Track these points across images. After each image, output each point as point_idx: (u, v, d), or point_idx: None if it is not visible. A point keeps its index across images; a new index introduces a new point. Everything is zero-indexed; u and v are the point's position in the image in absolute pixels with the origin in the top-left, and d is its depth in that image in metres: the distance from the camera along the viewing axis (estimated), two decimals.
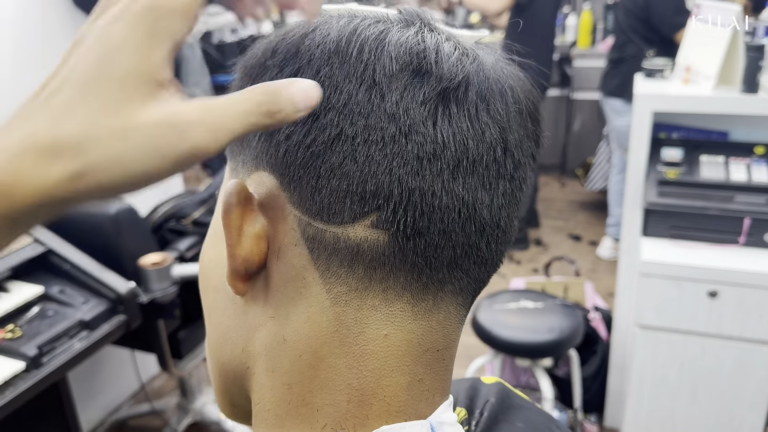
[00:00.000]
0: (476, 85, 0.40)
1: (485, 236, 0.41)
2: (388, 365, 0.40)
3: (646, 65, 2.20)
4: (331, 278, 0.40)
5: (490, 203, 0.40)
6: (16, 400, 1.43)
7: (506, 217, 0.42)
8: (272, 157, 0.41)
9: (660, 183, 2.02)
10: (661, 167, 2.07)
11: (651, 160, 2.09)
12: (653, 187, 2.01)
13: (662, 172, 2.05)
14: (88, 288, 1.73)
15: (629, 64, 3.07)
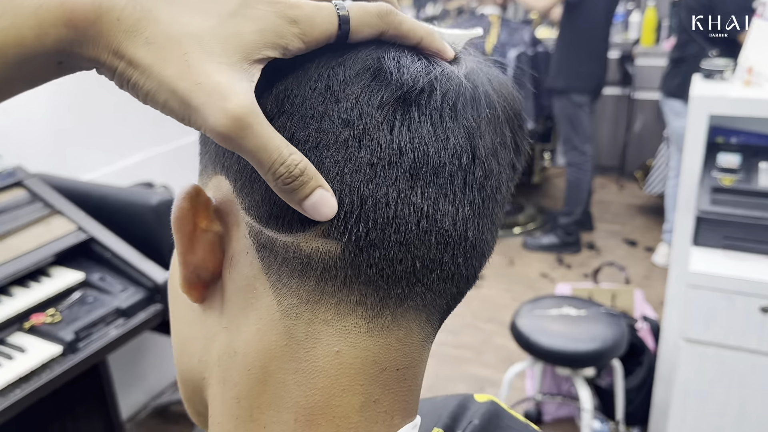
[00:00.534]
0: (442, 89, 0.37)
1: (450, 249, 0.38)
2: (339, 384, 0.38)
3: (705, 66, 2.10)
4: (282, 289, 0.38)
5: (455, 214, 0.37)
6: (53, 382, 1.47)
7: (475, 230, 0.39)
8: (228, 160, 0.40)
9: (714, 190, 1.92)
10: (716, 173, 1.97)
11: (706, 166, 1.99)
12: (707, 194, 1.92)
13: (717, 178, 1.95)
14: (127, 276, 1.77)
15: (690, 63, 2.94)
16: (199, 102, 0.32)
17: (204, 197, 0.40)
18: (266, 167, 0.34)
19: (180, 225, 0.40)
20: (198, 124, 0.33)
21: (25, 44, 0.31)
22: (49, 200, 1.80)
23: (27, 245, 1.67)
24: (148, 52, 0.32)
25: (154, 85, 0.32)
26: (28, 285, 1.64)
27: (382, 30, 0.38)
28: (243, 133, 0.32)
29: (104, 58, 0.32)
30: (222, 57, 0.33)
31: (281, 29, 0.35)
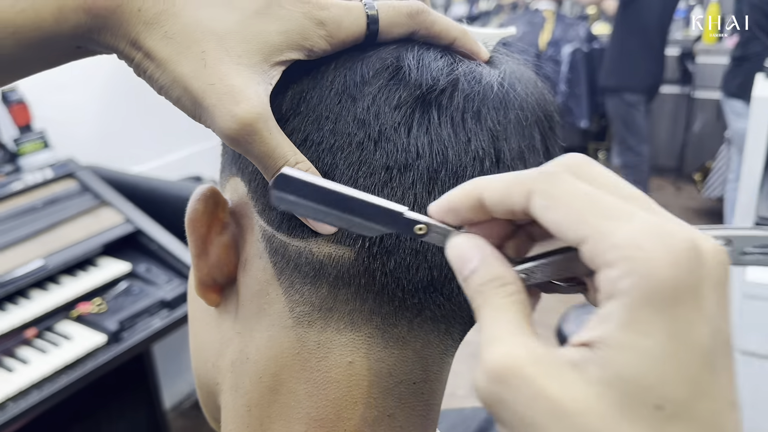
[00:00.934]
0: (465, 90, 0.35)
1: None
2: (352, 396, 0.36)
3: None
4: (295, 296, 0.37)
5: None
6: (97, 371, 1.50)
7: None
8: (243, 162, 0.39)
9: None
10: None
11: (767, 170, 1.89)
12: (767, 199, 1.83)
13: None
14: (172, 268, 1.79)
15: (753, 62, 2.81)
16: (209, 103, 0.32)
17: (220, 199, 0.40)
18: (270, 174, 0.33)
19: (193, 227, 0.39)
20: (207, 123, 0.33)
21: (43, 27, 0.31)
22: (98, 192, 1.83)
23: (76, 235, 1.71)
24: (166, 46, 0.31)
25: (169, 80, 0.32)
26: (75, 274, 1.68)
27: (413, 30, 0.37)
28: (250, 138, 0.32)
29: (122, 47, 0.32)
30: (242, 57, 0.32)
31: (307, 31, 0.34)
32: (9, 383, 1.38)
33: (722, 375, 0.23)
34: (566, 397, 0.22)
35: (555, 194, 0.25)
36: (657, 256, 0.22)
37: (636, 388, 0.22)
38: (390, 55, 0.36)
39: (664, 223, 0.23)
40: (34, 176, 1.79)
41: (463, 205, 0.28)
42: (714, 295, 0.23)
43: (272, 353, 0.37)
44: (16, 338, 1.50)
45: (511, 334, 0.25)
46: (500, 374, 0.24)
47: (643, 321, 0.22)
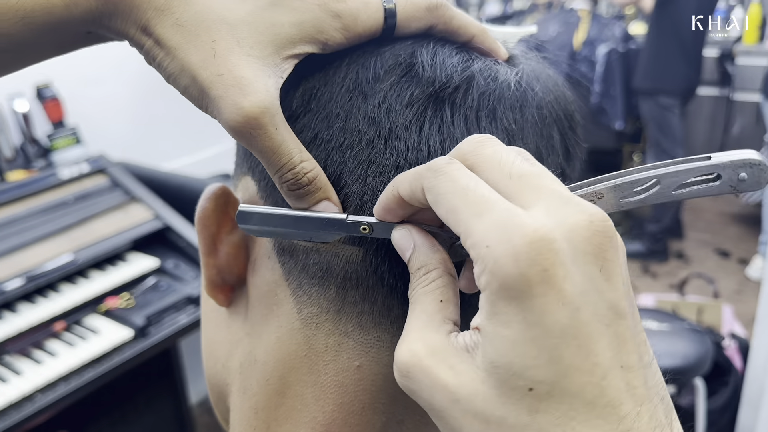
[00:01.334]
0: (481, 87, 0.34)
1: None
2: (359, 401, 0.35)
3: None
4: (303, 297, 0.36)
5: None
6: (123, 365, 1.51)
7: None
8: (253, 160, 0.38)
9: None
10: None
11: None
12: None
13: None
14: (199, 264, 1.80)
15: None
16: (216, 94, 0.31)
17: (231, 198, 0.39)
18: (274, 170, 0.32)
19: (203, 226, 0.39)
20: (213, 114, 0.32)
21: (53, 12, 0.30)
22: (129, 188, 1.85)
23: (106, 230, 1.73)
24: (176, 33, 0.31)
25: (177, 68, 0.31)
26: (104, 269, 1.70)
27: (431, 24, 0.35)
28: (255, 132, 0.31)
29: (132, 34, 0.32)
30: (253, 49, 0.31)
31: (322, 23, 0.33)
32: (38, 375, 1.40)
33: (598, 345, 0.24)
34: (458, 382, 0.25)
35: (438, 191, 0.27)
36: (500, 253, 0.24)
37: (506, 373, 0.24)
38: (404, 51, 0.35)
39: (516, 214, 0.25)
40: (67, 171, 1.81)
41: (392, 203, 0.31)
42: (582, 269, 0.24)
43: (280, 355, 0.37)
44: (45, 331, 1.53)
45: (417, 328, 0.28)
46: (404, 369, 0.27)
47: (500, 313, 0.24)
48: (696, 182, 0.29)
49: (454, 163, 0.28)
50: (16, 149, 1.87)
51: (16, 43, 0.30)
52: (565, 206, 0.25)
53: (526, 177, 0.27)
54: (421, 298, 0.29)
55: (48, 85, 1.93)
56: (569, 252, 0.24)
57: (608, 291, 0.25)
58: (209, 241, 0.39)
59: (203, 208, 0.39)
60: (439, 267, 0.30)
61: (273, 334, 0.37)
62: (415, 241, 0.31)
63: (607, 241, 0.25)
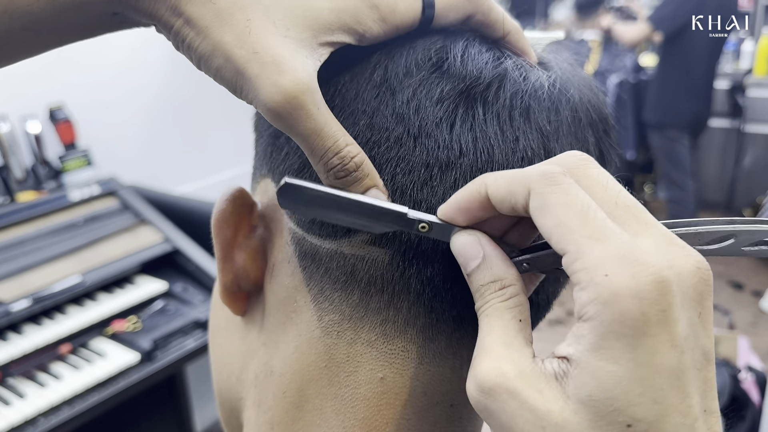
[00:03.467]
0: (513, 85, 0.32)
1: None
2: (382, 416, 0.33)
3: None
4: (324, 303, 0.34)
5: None
6: (128, 390, 1.49)
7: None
8: (273, 161, 0.36)
9: None
10: None
11: None
12: None
13: None
14: (208, 289, 1.79)
15: None
16: (252, 72, 0.29)
17: (249, 200, 0.38)
18: (318, 155, 0.30)
19: (220, 228, 0.37)
20: (249, 97, 0.30)
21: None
22: (139, 210, 1.85)
23: (115, 252, 1.72)
24: (208, 12, 0.29)
25: (209, 48, 0.29)
26: (112, 291, 1.69)
27: (470, 13, 0.34)
28: (296, 113, 0.29)
29: (161, 14, 0.30)
30: (290, 30, 0.30)
31: (360, 13, 0.31)
32: (41, 398, 1.38)
33: (693, 389, 0.24)
34: (547, 410, 0.24)
35: (549, 200, 0.26)
36: (621, 286, 0.23)
37: (606, 408, 0.23)
38: (434, 44, 0.33)
39: (638, 247, 0.24)
40: (78, 193, 1.81)
41: (472, 204, 0.29)
42: (687, 315, 0.24)
43: (298, 366, 0.35)
44: (51, 353, 1.50)
45: (501, 346, 0.27)
46: (488, 387, 0.26)
47: (609, 348, 0.24)
48: (763, 242, 0.30)
49: (568, 176, 0.27)
50: (27, 170, 1.87)
51: (38, 21, 0.29)
52: (673, 246, 0.25)
53: (632, 207, 0.26)
54: (499, 313, 0.28)
55: (61, 106, 1.93)
56: (679, 295, 0.24)
57: (703, 337, 0.25)
58: (226, 244, 0.37)
59: (220, 209, 0.37)
60: (516, 284, 0.29)
61: (291, 344, 0.35)
62: (485, 251, 0.29)
63: (708, 290, 0.25)
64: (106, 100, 2.08)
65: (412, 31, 0.34)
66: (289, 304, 0.35)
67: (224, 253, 0.37)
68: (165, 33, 0.31)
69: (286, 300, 0.36)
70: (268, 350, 0.37)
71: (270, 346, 0.37)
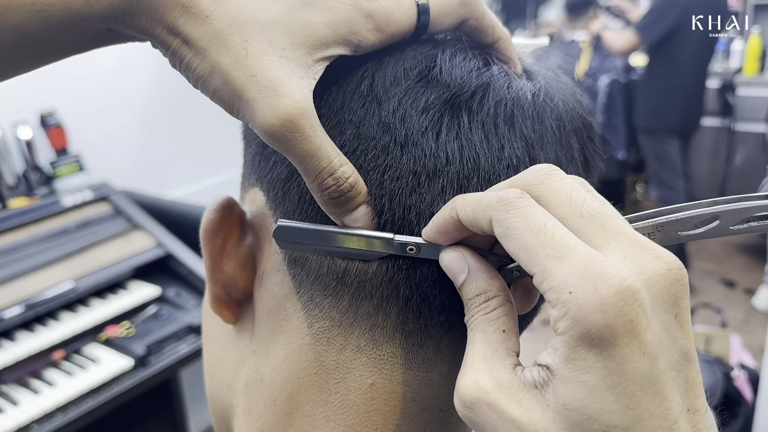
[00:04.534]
0: (497, 93, 0.33)
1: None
2: (372, 421, 0.33)
3: None
4: (314, 310, 0.34)
5: None
6: (123, 396, 1.48)
7: None
8: (262, 170, 0.37)
9: None
10: None
11: None
12: None
13: None
14: (201, 293, 1.78)
15: None
16: (250, 96, 0.29)
17: (238, 210, 0.38)
18: (313, 176, 0.30)
19: (208, 238, 0.37)
20: (246, 118, 0.30)
21: (71, 7, 0.28)
22: (131, 215, 1.84)
23: (107, 258, 1.71)
24: (205, 32, 0.29)
25: (207, 69, 0.30)
26: (105, 297, 1.68)
27: (464, 18, 0.34)
28: (291, 135, 0.29)
29: (157, 33, 0.30)
30: (285, 50, 0.30)
31: (355, 24, 0.31)
32: (35, 405, 1.37)
33: (671, 391, 0.24)
34: (527, 419, 0.25)
35: (509, 225, 0.27)
36: (584, 301, 0.24)
37: (581, 416, 0.24)
38: (420, 53, 0.34)
39: (599, 260, 0.25)
40: (70, 199, 1.80)
41: (448, 227, 0.30)
42: (660, 318, 0.25)
43: (288, 373, 0.35)
44: (44, 360, 1.50)
45: (481, 360, 0.27)
46: (468, 401, 0.26)
47: (580, 359, 0.24)
48: (753, 218, 0.30)
49: (526, 198, 0.27)
50: (19, 176, 1.87)
51: (31, 37, 0.29)
52: (641, 252, 0.25)
53: (598, 217, 0.27)
54: (482, 326, 0.29)
55: (52, 112, 1.93)
56: (649, 301, 0.25)
57: (681, 338, 0.25)
58: (215, 254, 0.37)
59: (209, 219, 0.37)
60: (499, 295, 0.29)
61: (281, 351, 0.35)
62: (469, 266, 0.30)
63: (683, 290, 0.25)
64: (98, 105, 2.07)
65: (406, 38, 0.34)
66: (278, 311, 0.36)
67: (213, 262, 0.37)
68: (162, 50, 0.31)
69: (276, 308, 0.36)
70: (258, 358, 0.37)
71: (260, 354, 0.37)
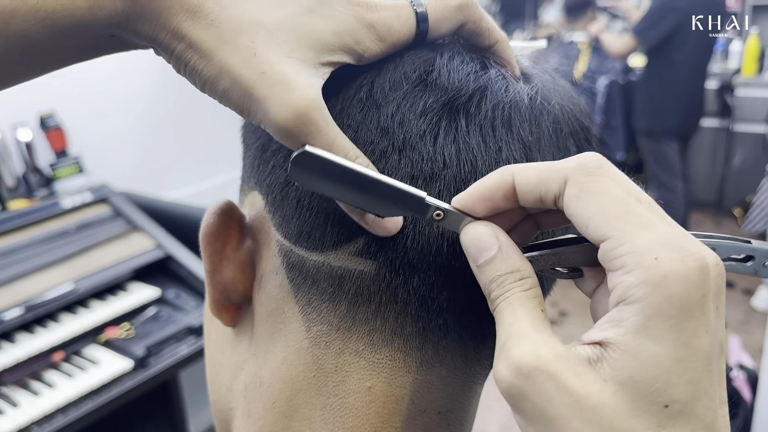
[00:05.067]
0: (495, 97, 0.33)
1: None
2: (371, 424, 0.34)
3: None
4: (312, 314, 0.34)
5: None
6: (122, 397, 1.49)
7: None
8: (261, 173, 0.37)
9: None
10: None
11: None
12: None
13: None
14: (201, 295, 1.78)
15: None
16: (261, 93, 0.29)
17: (237, 213, 0.38)
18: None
19: (208, 241, 0.37)
20: (258, 117, 0.30)
21: (75, 14, 0.28)
22: (131, 217, 1.85)
23: (107, 260, 1.71)
24: (211, 35, 0.29)
25: (214, 71, 0.30)
26: (105, 298, 1.68)
27: (462, 22, 0.35)
28: (306, 128, 0.29)
29: (161, 38, 0.30)
30: (294, 51, 0.30)
31: (358, 34, 0.32)
32: (34, 407, 1.38)
33: (717, 376, 0.25)
34: (586, 392, 0.25)
35: (590, 188, 0.27)
36: (671, 269, 0.24)
37: (647, 389, 0.24)
38: (419, 59, 0.34)
39: (679, 235, 0.26)
40: (69, 200, 1.81)
41: (496, 193, 0.29)
42: (714, 305, 0.25)
43: (287, 376, 0.35)
44: (44, 362, 1.50)
45: (535, 330, 0.27)
46: (526, 369, 0.25)
47: (654, 329, 0.24)
48: (731, 259, 0.31)
49: (605, 168, 0.28)
50: (19, 178, 1.87)
51: (35, 44, 0.29)
52: (696, 242, 0.26)
53: (651, 205, 0.27)
54: (523, 301, 0.28)
55: (52, 114, 1.93)
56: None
57: (720, 329, 0.26)
58: (214, 257, 0.37)
59: (208, 223, 0.37)
60: (533, 276, 0.29)
61: (280, 354, 0.36)
62: (501, 243, 0.29)
63: (724, 285, 0.26)
64: (98, 107, 2.08)
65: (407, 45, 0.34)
66: (277, 315, 0.36)
67: (213, 266, 0.37)
68: (165, 56, 0.31)
69: (275, 311, 0.36)
70: (257, 361, 0.37)
71: (259, 357, 0.37)
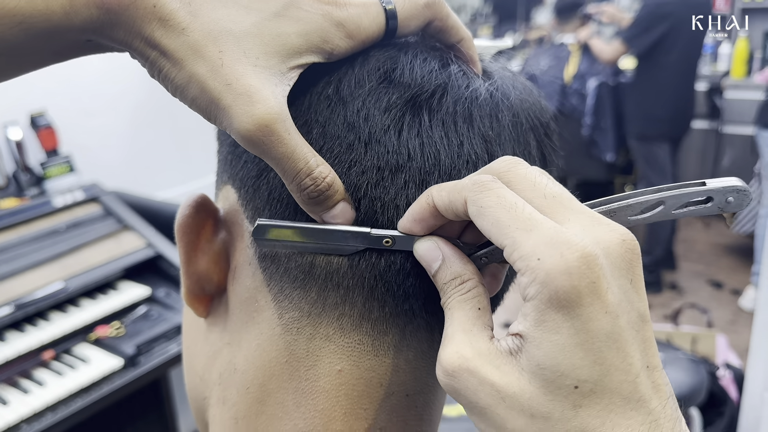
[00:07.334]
0: (456, 92, 0.34)
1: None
2: (341, 406, 0.35)
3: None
4: (284, 302, 0.36)
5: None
6: (112, 395, 1.49)
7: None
8: (233, 168, 0.39)
9: None
10: None
11: None
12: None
13: None
14: None
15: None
16: (226, 103, 0.31)
17: (211, 207, 0.39)
18: (291, 177, 0.32)
19: (183, 233, 0.39)
20: (224, 125, 0.32)
21: (52, 19, 0.29)
22: (121, 216, 1.85)
23: (97, 258, 1.72)
24: (182, 44, 0.31)
25: (184, 79, 0.31)
26: (95, 297, 1.69)
27: (429, 19, 0.36)
28: (267, 139, 0.31)
29: (135, 45, 0.31)
30: (259, 59, 0.31)
31: (327, 33, 0.33)
32: (24, 405, 1.38)
33: (632, 348, 0.27)
34: (504, 382, 0.28)
35: (484, 204, 0.29)
36: (552, 266, 0.26)
37: (553, 374, 0.27)
38: (384, 55, 0.35)
39: (564, 231, 0.27)
40: (60, 199, 1.81)
41: (424, 214, 0.32)
42: (618, 282, 0.27)
43: (260, 363, 0.37)
44: (34, 360, 1.50)
45: (461, 332, 0.30)
46: (451, 370, 0.29)
47: (550, 321, 0.27)
48: (692, 203, 0.33)
49: (497, 181, 0.30)
50: (9, 177, 1.87)
51: (11, 47, 0.30)
52: (598, 225, 0.28)
53: (559, 198, 0.29)
54: (460, 305, 0.31)
55: (42, 113, 1.93)
56: (608, 267, 0.27)
57: (637, 301, 0.28)
58: (189, 248, 0.39)
59: (183, 215, 0.39)
60: (474, 277, 0.32)
61: (253, 342, 0.37)
62: (443, 253, 0.32)
63: (636, 258, 0.28)
64: (88, 106, 2.08)
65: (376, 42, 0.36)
66: (250, 304, 0.37)
67: (188, 257, 0.39)
68: (140, 61, 0.32)
69: (248, 300, 0.37)
70: (231, 349, 0.38)
71: (233, 345, 0.38)
